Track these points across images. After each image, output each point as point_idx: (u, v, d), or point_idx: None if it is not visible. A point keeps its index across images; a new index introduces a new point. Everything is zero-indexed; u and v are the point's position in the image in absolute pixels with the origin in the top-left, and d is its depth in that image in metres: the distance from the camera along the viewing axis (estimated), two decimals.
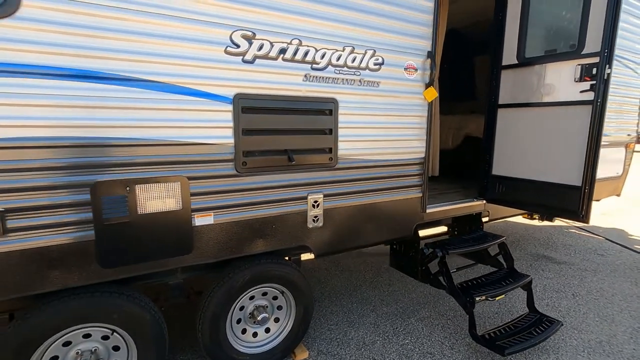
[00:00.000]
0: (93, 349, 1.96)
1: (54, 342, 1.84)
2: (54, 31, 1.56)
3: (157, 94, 1.80)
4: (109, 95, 1.69)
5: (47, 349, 1.83)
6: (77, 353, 1.92)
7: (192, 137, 1.92)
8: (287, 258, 2.53)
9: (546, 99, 2.74)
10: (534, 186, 2.86)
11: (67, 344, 1.89)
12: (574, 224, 6.33)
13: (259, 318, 2.40)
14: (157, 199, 1.88)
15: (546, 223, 6.13)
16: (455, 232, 3.63)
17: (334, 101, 2.33)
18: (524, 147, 2.91)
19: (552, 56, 2.69)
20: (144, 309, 2.01)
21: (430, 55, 2.70)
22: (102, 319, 1.90)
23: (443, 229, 3.71)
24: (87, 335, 1.93)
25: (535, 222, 6.32)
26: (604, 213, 7.23)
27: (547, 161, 2.77)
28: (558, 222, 6.33)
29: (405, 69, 2.62)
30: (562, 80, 2.65)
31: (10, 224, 1.58)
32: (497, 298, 2.73)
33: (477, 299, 2.58)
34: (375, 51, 2.44)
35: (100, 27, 1.64)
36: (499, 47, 3.06)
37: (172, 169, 1.90)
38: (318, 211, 2.42)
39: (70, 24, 1.58)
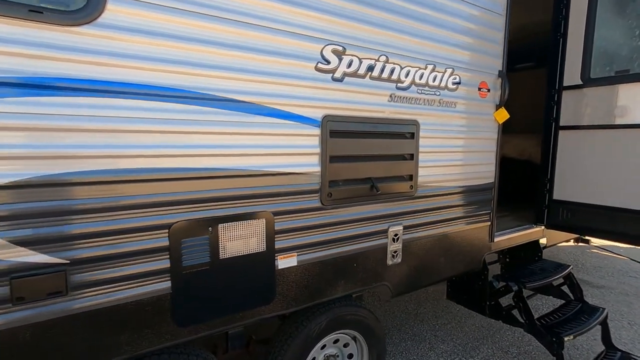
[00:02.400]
0: None
1: None
2: (136, 41, 1.28)
3: (242, 115, 1.53)
4: (187, 117, 1.40)
5: None
6: None
7: (277, 165, 1.64)
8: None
9: (619, 121, 2.62)
10: (607, 212, 2.70)
11: None
12: (586, 245, 6.26)
13: None
14: (240, 240, 1.57)
15: (570, 244, 6.03)
16: (507, 260, 3.42)
17: (415, 123, 2.11)
18: (594, 171, 2.76)
19: (627, 76, 2.58)
20: None
21: (502, 74, 2.55)
22: None
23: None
24: None
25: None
26: None
27: (621, 186, 2.62)
28: (572, 243, 6.26)
29: (479, 89, 2.44)
30: (638, 101, 2.53)
31: (74, 279, 1.25)
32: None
33: (566, 338, 2.34)
34: (453, 70, 2.25)
35: (182, 36, 1.36)
36: (558, 67, 2.94)
37: (257, 204, 1.61)
38: (397, 245, 2.15)
39: (154, 32, 1.31)
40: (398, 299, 4.01)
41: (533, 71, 3.84)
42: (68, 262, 1.23)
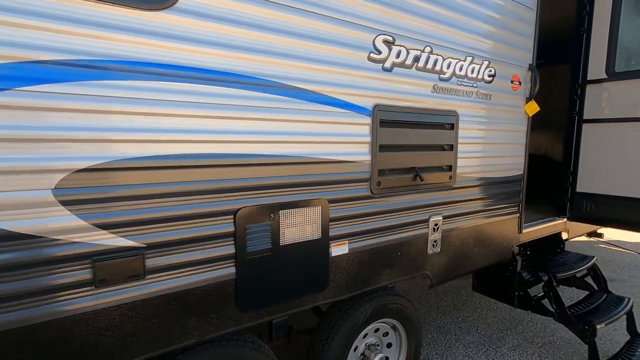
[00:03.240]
0: None
1: None
2: (212, 27, 1.29)
3: (303, 103, 1.54)
4: (253, 104, 1.42)
5: None
6: None
7: (333, 153, 1.66)
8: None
9: None
10: (631, 203, 2.75)
11: None
12: (600, 239, 6.35)
13: (375, 359, 2.10)
14: (298, 227, 1.59)
15: (581, 238, 6.11)
16: (528, 253, 3.46)
17: (455, 114, 2.14)
18: (618, 163, 2.81)
19: None
20: (269, 357, 1.68)
21: (532, 67, 2.59)
22: None
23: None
24: None
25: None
26: None
27: None
28: (585, 238, 6.35)
29: (511, 81, 2.48)
30: None
31: (150, 263, 1.26)
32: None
33: (598, 326, 2.39)
34: (489, 62, 2.28)
35: (253, 24, 1.37)
36: (582, 61, 2.99)
37: (314, 191, 1.62)
38: (437, 235, 2.18)
39: (227, 19, 1.32)
40: (418, 293, 4.05)
41: (553, 67, 3.89)
42: (145, 246, 1.24)
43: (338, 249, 1.74)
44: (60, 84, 1.05)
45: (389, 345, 2.26)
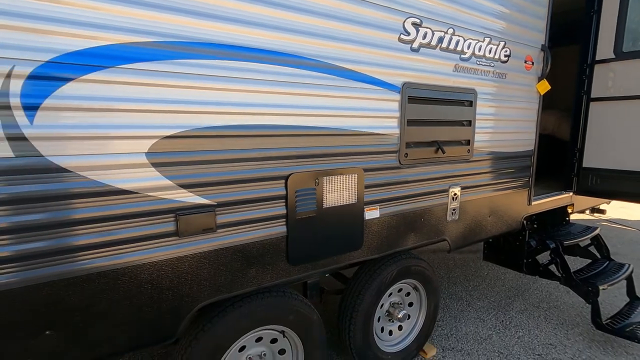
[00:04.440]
0: (262, 354, 1.84)
1: (234, 347, 1.71)
2: (268, 12, 1.46)
3: (342, 80, 1.72)
4: (303, 81, 1.59)
5: (228, 354, 1.70)
6: (248, 358, 1.80)
7: (367, 127, 1.85)
8: None
9: None
10: (636, 176, 2.93)
11: (242, 348, 1.77)
12: (602, 216, 6.56)
13: (399, 315, 2.33)
14: (338, 192, 1.79)
15: (584, 216, 6.32)
16: (535, 225, 3.68)
17: (474, 92, 2.31)
18: (624, 139, 2.99)
19: None
20: (311, 309, 1.91)
21: (544, 48, 2.74)
22: (280, 321, 1.79)
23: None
24: (258, 339, 1.82)
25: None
26: (622, 206, 7.54)
27: None
28: (587, 215, 6.57)
29: (525, 61, 2.64)
30: None
31: (220, 219, 1.46)
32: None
33: (601, 287, 2.61)
34: (505, 43, 2.44)
35: (302, 9, 1.54)
36: (591, 42, 3.13)
37: (352, 160, 1.82)
38: (456, 204, 2.38)
39: (283, 5, 1.49)
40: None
41: (561, 48, 4.02)
42: (216, 204, 1.44)
43: (371, 213, 1.95)
44: (150, 63, 1.24)
45: (411, 304, 2.49)
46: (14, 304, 1.12)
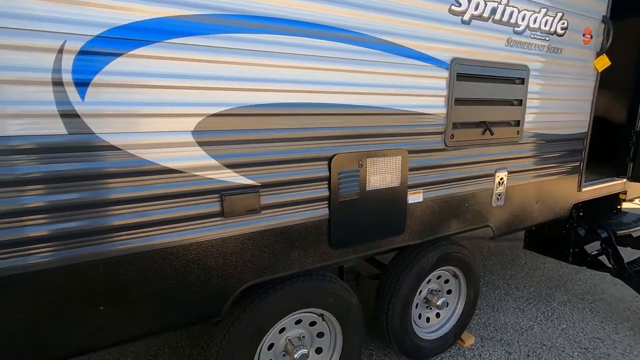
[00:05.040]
0: (301, 336, 1.84)
1: (275, 328, 1.71)
2: None
3: (388, 56, 1.61)
4: (347, 57, 1.51)
5: (269, 336, 1.71)
6: (287, 340, 1.80)
7: (413, 106, 1.75)
8: None
9: None
10: None
11: (282, 330, 1.77)
12: None
13: (438, 302, 2.26)
14: (381, 174, 1.72)
15: (633, 205, 5.93)
16: (581, 214, 3.46)
17: (526, 69, 2.14)
18: None
19: None
20: (350, 293, 1.87)
21: (606, 19, 2.49)
22: (319, 304, 1.77)
23: None
24: (298, 322, 1.81)
25: None
26: None
27: None
28: (636, 204, 6.15)
29: (583, 34, 2.41)
30: None
31: (264, 200, 1.43)
32: None
33: None
34: (563, 14, 2.23)
35: None
36: None
37: (396, 142, 1.73)
38: (502, 189, 2.25)
39: None
40: None
41: (619, 21, 3.67)
42: (260, 184, 1.41)
43: (414, 197, 1.87)
44: (198, 37, 1.19)
45: (449, 291, 2.42)
46: (86, 275, 1.14)
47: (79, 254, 1.13)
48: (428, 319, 2.37)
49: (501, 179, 2.23)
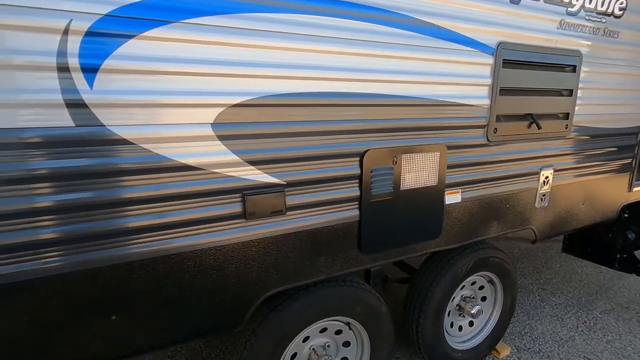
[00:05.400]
0: (325, 345, 1.71)
1: (298, 337, 1.59)
2: None
3: (427, 39, 1.43)
4: (383, 40, 1.34)
5: (292, 345, 1.58)
6: (311, 349, 1.68)
7: (453, 96, 1.56)
8: None
9: None
10: None
11: (305, 339, 1.64)
12: None
13: (472, 311, 2.09)
14: (417, 172, 1.55)
15: None
16: (626, 215, 3.18)
17: (579, 55, 1.91)
18: None
19: None
20: (379, 301, 1.73)
21: None
22: (346, 312, 1.63)
23: None
24: (322, 330, 1.68)
25: None
26: None
27: None
28: None
29: None
30: None
31: (290, 200, 1.29)
32: None
33: None
34: None
35: None
36: None
37: (434, 136, 1.56)
38: (546, 189, 2.05)
39: None
40: None
41: None
42: (285, 183, 1.27)
43: (452, 197, 1.69)
44: (218, 17, 1.05)
45: (484, 298, 2.23)
46: (92, 282, 1.04)
47: (82, 260, 1.02)
48: (460, 328, 2.20)
49: (546, 177, 2.02)
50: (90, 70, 0.94)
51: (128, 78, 0.98)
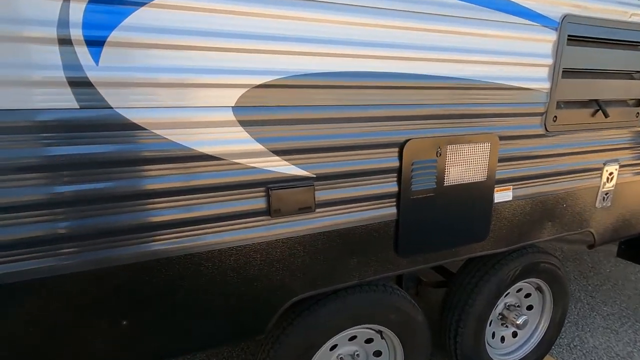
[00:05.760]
0: (355, 353, 1.56)
1: (326, 346, 1.45)
2: None
3: (477, 10, 1.22)
4: (425, 10, 1.15)
5: (318, 354, 1.44)
6: (339, 358, 1.53)
7: (507, 77, 1.35)
8: None
9: None
10: None
11: (333, 347, 1.50)
12: None
13: (518, 321, 1.87)
14: (464, 166, 1.36)
15: None
16: None
17: None
18: None
19: None
20: (416, 309, 1.56)
21: None
22: (379, 320, 1.47)
23: None
24: (352, 338, 1.53)
25: None
26: None
27: None
28: None
29: None
30: None
31: (319, 195, 1.14)
32: None
33: None
34: None
35: None
36: None
37: (484, 124, 1.36)
38: (610, 187, 1.79)
39: None
40: None
41: None
42: (315, 176, 1.12)
43: (502, 195, 1.49)
44: None
45: (530, 307, 2.01)
46: (99, 284, 0.94)
47: (86, 260, 0.92)
48: (503, 339, 1.99)
49: (610, 173, 1.76)
50: (95, 44, 0.81)
51: (139, 53, 0.86)
